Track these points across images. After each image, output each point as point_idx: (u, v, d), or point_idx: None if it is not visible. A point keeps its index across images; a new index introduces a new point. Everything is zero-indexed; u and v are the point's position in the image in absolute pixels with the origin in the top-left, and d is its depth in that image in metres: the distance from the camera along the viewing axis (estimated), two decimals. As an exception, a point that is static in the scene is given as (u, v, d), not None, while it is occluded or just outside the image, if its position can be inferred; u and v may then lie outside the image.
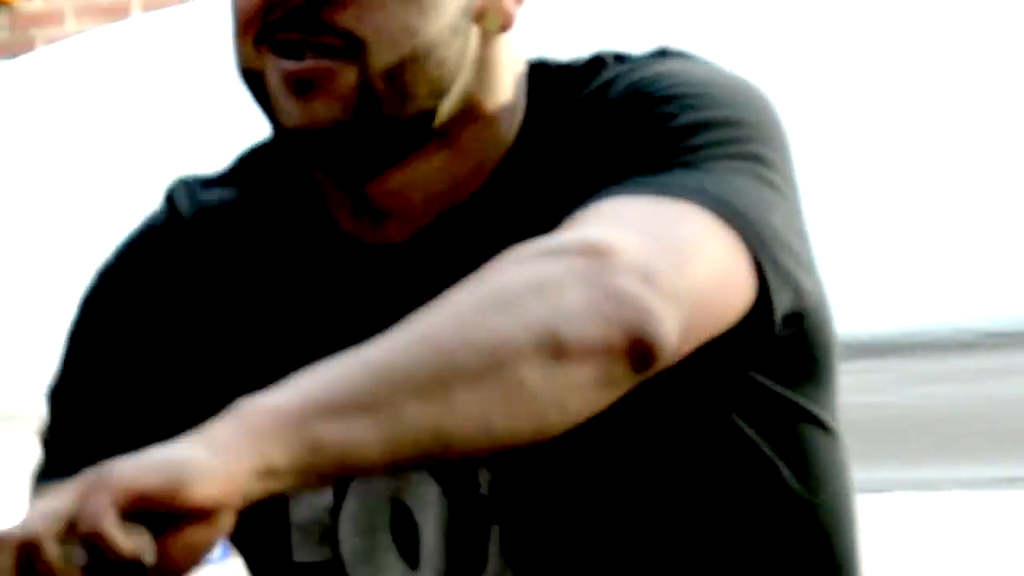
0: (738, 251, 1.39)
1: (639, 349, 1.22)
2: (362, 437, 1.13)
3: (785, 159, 1.60)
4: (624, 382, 1.26)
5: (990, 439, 4.51)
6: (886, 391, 4.35)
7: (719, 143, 1.51)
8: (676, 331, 1.26)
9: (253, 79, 1.58)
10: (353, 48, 1.51)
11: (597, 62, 1.66)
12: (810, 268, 1.57)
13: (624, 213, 1.37)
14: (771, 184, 1.51)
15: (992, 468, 4.87)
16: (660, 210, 1.39)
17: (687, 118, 1.52)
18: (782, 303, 1.45)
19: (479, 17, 1.58)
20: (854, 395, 2.70)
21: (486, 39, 1.61)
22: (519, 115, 1.65)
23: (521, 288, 1.22)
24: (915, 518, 7.90)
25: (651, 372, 1.27)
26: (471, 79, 1.60)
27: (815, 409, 1.67)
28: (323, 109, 1.51)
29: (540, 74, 1.68)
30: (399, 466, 1.26)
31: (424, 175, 1.61)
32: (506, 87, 1.64)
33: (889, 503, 6.58)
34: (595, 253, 1.25)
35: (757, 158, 1.53)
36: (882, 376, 4.34)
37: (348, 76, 1.51)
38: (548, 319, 1.19)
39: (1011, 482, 5.06)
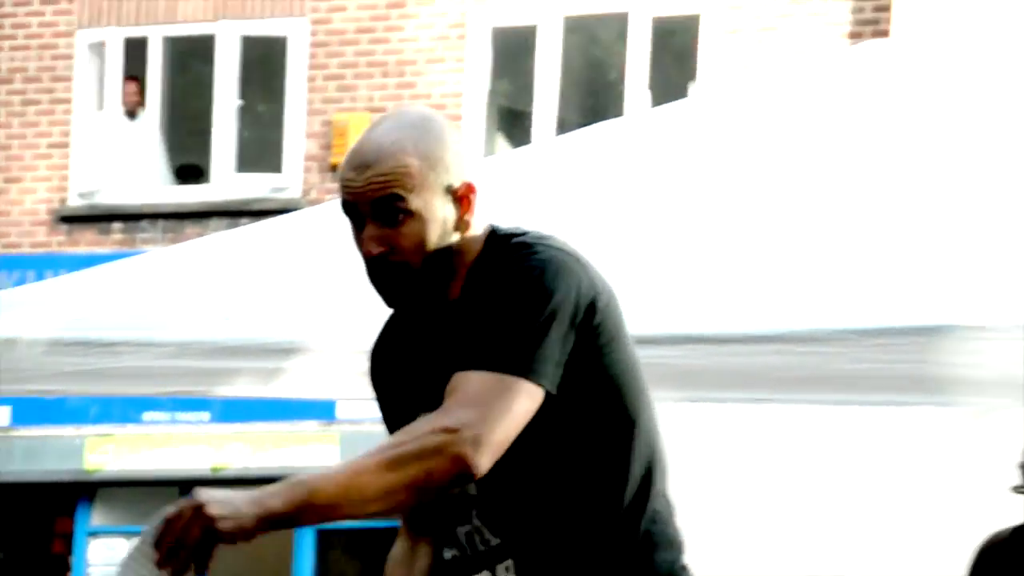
0: (535, 391, 2.78)
1: (464, 481, 2.70)
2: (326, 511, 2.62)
3: (570, 301, 2.95)
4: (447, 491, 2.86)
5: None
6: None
7: (537, 323, 2.85)
8: (488, 464, 2.67)
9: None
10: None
11: (515, 236, 3.05)
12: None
13: (471, 389, 2.77)
14: (558, 324, 2.87)
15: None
16: (493, 386, 2.76)
17: (528, 313, 2.85)
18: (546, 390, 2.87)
19: (456, 228, 2.98)
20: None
21: (461, 234, 3.01)
22: (476, 250, 3.04)
23: (410, 454, 2.64)
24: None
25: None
26: (455, 243, 2.99)
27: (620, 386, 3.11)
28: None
29: (492, 233, 3.06)
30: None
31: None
32: (470, 246, 3.04)
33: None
34: (449, 432, 2.62)
35: (554, 318, 2.87)
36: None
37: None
38: (420, 475, 2.63)
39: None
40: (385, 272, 3.22)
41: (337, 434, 18.52)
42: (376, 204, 3.23)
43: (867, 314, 5.46)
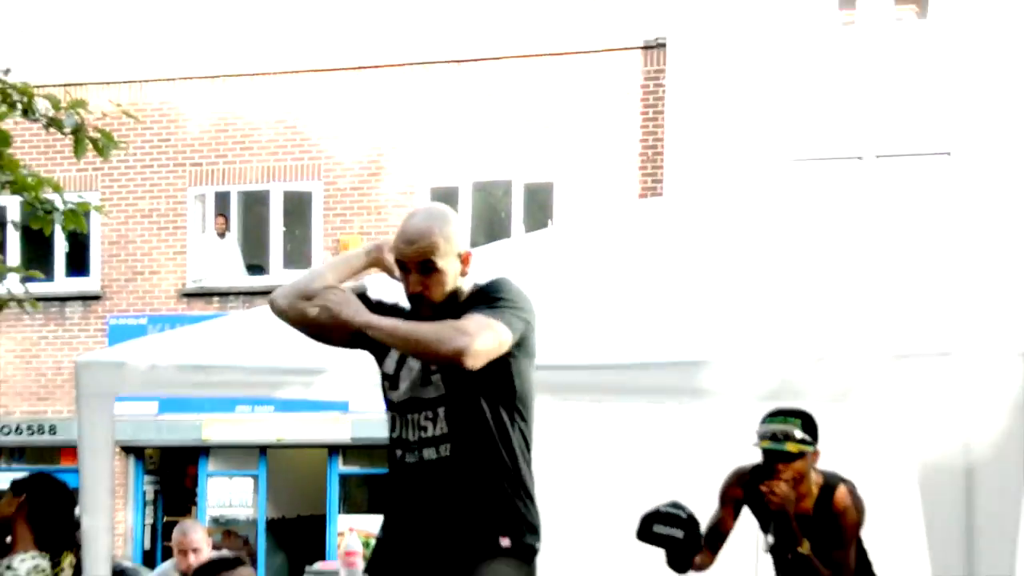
0: (504, 333, 4.81)
1: (460, 362, 4.70)
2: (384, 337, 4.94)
3: (525, 310, 4.97)
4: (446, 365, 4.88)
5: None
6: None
7: (507, 307, 4.88)
8: (474, 366, 4.72)
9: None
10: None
11: (490, 285, 5.07)
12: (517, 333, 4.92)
13: (480, 320, 4.77)
14: (518, 316, 4.88)
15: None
16: (487, 321, 4.77)
17: (502, 301, 4.90)
18: (512, 343, 4.87)
19: (460, 276, 5.06)
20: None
21: (462, 278, 5.07)
22: (468, 291, 5.11)
23: (444, 331, 4.74)
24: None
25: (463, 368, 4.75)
26: (459, 286, 5.08)
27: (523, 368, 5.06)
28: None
29: (477, 284, 5.12)
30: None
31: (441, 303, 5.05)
32: (464, 288, 5.11)
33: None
34: (465, 334, 4.67)
35: (516, 309, 4.91)
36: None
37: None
38: (433, 342, 4.76)
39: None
40: (420, 301, 5.13)
41: (349, 420, 21.52)
42: (418, 264, 5.06)
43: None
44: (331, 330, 5.20)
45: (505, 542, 5.02)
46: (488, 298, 4.99)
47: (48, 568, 6.97)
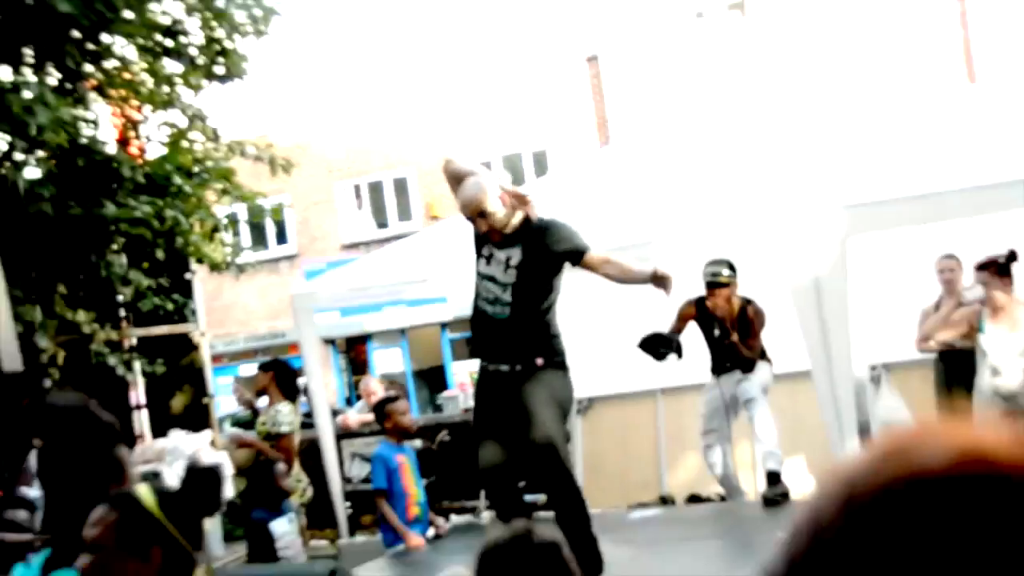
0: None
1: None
2: None
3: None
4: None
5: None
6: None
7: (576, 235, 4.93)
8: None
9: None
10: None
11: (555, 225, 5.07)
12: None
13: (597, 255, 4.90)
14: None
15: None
16: (582, 245, 4.90)
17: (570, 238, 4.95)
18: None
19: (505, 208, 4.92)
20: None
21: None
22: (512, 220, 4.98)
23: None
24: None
25: None
26: (505, 217, 4.97)
27: None
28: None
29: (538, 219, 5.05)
30: None
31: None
32: (514, 218, 5.01)
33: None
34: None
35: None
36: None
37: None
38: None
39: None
40: (483, 234, 5.01)
41: (449, 308, 20.42)
42: (478, 214, 4.93)
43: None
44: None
45: (539, 361, 5.07)
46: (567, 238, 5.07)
47: (292, 409, 7.11)
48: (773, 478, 6.73)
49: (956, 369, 7.27)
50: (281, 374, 7.24)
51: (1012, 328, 6.77)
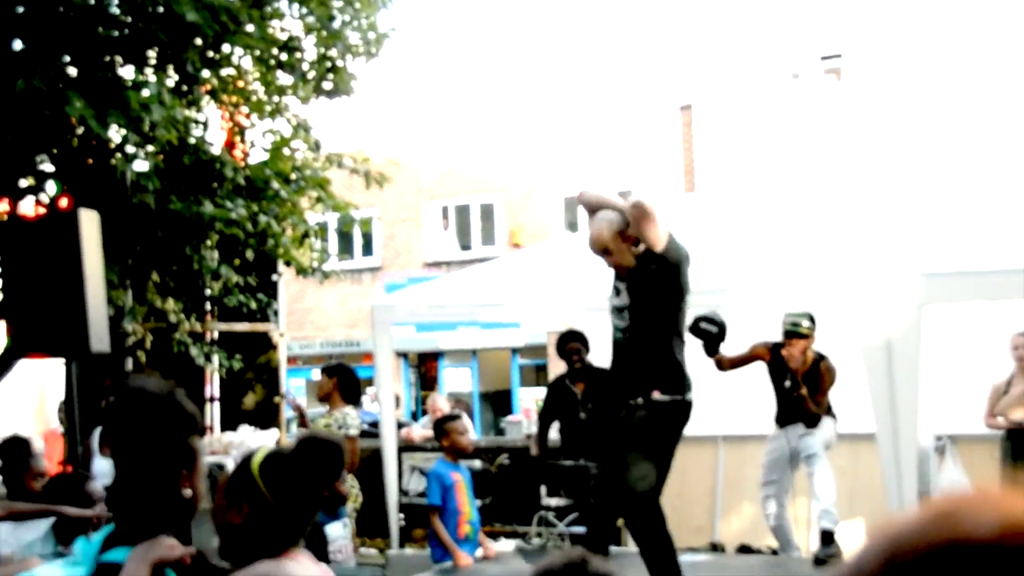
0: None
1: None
2: None
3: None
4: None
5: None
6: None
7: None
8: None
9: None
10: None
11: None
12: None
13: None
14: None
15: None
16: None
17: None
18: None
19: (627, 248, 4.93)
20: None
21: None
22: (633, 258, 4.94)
23: None
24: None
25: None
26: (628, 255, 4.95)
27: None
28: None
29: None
30: None
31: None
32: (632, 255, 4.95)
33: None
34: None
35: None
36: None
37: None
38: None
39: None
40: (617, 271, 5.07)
41: (522, 333, 21.11)
42: (602, 252, 5.05)
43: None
44: None
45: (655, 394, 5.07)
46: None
47: (357, 414, 7.12)
48: (827, 537, 6.58)
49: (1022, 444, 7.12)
50: (344, 380, 7.25)
51: None
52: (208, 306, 10.48)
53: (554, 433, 7.88)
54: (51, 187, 8.30)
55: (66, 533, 4.54)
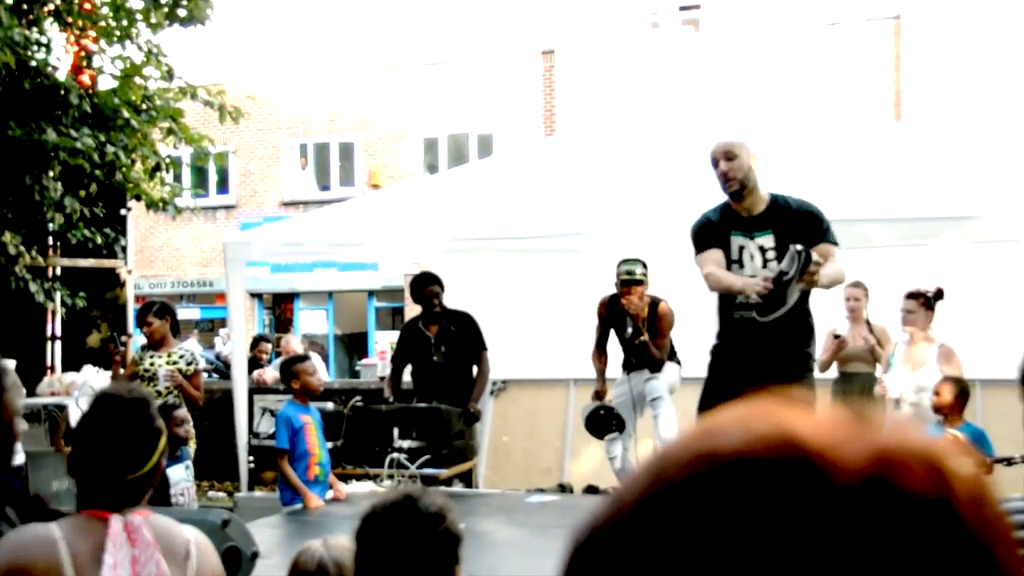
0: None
1: None
2: None
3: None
4: None
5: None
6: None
7: (829, 229, 4.75)
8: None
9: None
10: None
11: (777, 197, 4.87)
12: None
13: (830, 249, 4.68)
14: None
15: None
16: (832, 249, 4.73)
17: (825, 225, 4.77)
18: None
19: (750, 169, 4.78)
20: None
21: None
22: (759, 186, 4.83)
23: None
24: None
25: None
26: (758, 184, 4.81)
27: None
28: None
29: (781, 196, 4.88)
30: None
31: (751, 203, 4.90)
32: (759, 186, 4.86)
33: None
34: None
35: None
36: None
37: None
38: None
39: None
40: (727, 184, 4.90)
41: (379, 275, 21.01)
42: (724, 155, 4.92)
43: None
44: None
45: None
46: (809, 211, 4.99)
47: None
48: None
49: (853, 390, 7.38)
50: (175, 318, 7.25)
51: (914, 368, 6.90)
52: (50, 240, 9.99)
53: (407, 376, 7.86)
54: None
55: None
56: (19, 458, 4.74)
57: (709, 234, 4.95)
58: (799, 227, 4.85)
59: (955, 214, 5.77)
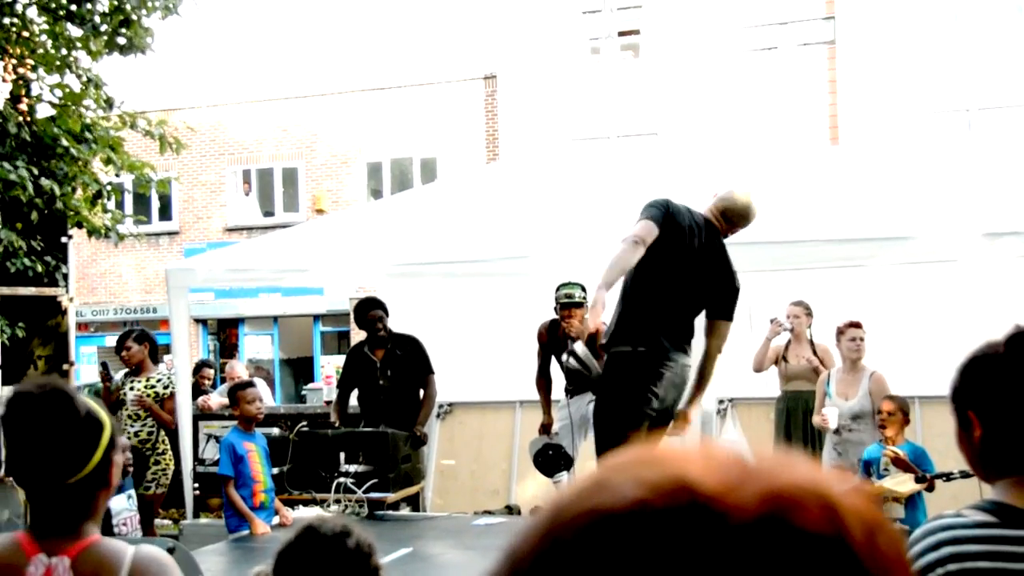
0: None
1: None
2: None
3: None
4: None
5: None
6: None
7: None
8: None
9: None
10: None
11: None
12: None
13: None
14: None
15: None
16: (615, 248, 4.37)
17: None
18: None
19: None
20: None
21: None
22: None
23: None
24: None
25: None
26: None
27: None
28: None
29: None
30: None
31: None
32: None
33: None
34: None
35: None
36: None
37: None
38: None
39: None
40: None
41: (324, 299, 21.10)
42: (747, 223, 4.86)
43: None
44: None
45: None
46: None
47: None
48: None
49: (796, 408, 7.48)
50: (153, 344, 7.54)
51: (846, 398, 6.98)
52: (-12, 270, 9.79)
53: (353, 400, 7.81)
54: None
55: None
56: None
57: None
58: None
59: (891, 235, 5.85)
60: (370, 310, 7.51)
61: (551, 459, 6.59)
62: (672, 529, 0.53)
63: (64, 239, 10.16)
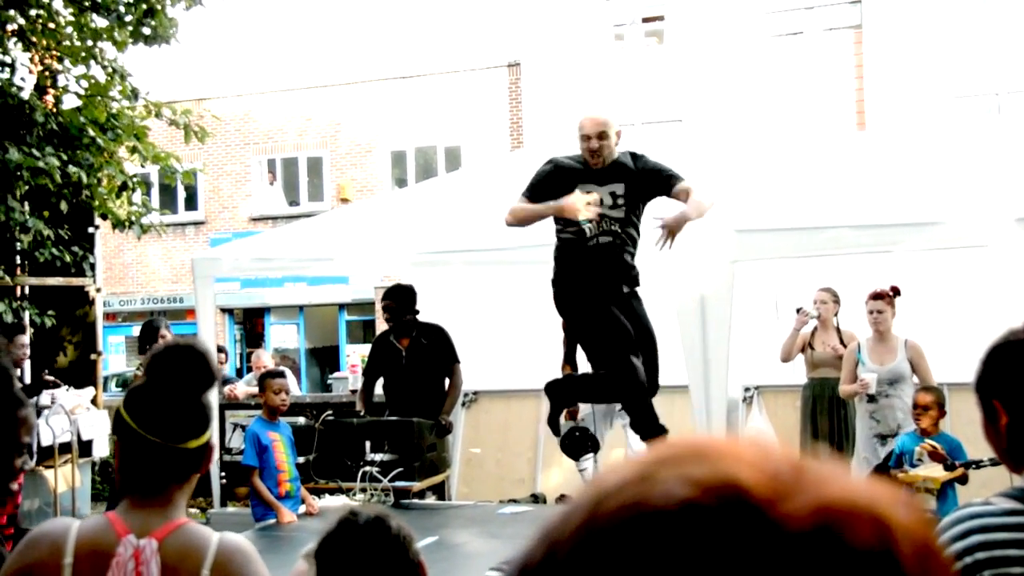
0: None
1: None
2: None
3: None
4: None
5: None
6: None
7: (673, 173, 5.04)
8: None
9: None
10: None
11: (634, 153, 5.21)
12: None
13: (686, 183, 4.96)
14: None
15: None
16: (688, 185, 4.93)
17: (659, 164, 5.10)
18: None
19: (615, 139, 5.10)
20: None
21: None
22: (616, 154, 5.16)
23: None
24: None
25: None
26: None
27: None
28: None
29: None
30: None
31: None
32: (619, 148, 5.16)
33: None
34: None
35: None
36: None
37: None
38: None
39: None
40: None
41: (349, 288, 21.01)
42: (597, 134, 5.19)
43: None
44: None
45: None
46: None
47: None
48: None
49: (823, 395, 7.42)
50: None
51: (882, 363, 6.95)
52: (18, 259, 9.88)
53: (379, 389, 7.81)
54: None
55: None
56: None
57: (548, 185, 5.21)
58: (647, 183, 5.19)
59: (919, 220, 5.82)
60: (385, 299, 7.52)
61: (578, 440, 6.55)
62: (722, 532, 0.52)
63: (91, 229, 10.25)
